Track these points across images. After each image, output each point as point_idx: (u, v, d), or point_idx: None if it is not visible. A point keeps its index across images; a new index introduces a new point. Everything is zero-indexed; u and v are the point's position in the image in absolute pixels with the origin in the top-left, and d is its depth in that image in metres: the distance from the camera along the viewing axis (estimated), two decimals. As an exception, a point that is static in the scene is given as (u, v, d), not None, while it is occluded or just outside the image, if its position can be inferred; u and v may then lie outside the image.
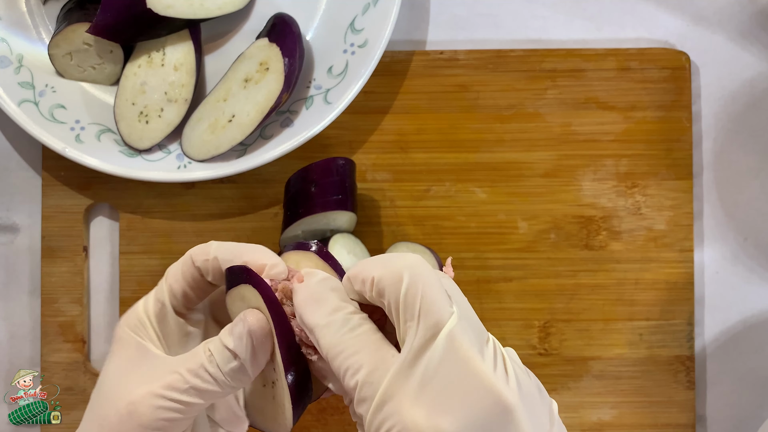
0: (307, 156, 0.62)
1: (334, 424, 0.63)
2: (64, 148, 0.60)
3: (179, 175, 0.60)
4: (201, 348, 0.44)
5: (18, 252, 0.65)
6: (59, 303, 0.63)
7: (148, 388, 0.43)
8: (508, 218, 0.64)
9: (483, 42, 0.65)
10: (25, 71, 0.62)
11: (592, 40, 0.65)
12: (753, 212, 0.65)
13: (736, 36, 0.65)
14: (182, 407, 0.43)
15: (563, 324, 0.63)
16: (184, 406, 0.43)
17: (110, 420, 0.44)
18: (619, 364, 0.63)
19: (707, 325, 0.64)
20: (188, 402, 0.43)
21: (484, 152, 0.64)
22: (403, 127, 0.64)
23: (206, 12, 0.60)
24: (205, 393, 0.43)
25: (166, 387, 0.43)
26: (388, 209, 0.64)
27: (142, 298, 0.47)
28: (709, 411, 0.64)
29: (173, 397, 0.43)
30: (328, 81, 0.62)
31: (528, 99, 0.64)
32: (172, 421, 0.43)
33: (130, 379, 0.44)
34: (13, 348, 0.64)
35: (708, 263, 0.64)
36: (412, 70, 0.64)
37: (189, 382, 0.43)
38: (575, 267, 0.63)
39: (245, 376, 0.44)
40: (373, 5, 0.62)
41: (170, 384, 0.43)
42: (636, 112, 0.64)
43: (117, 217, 0.64)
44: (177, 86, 0.61)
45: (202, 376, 0.43)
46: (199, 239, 0.63)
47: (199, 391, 0.43)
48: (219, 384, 0.43)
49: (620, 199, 0.64)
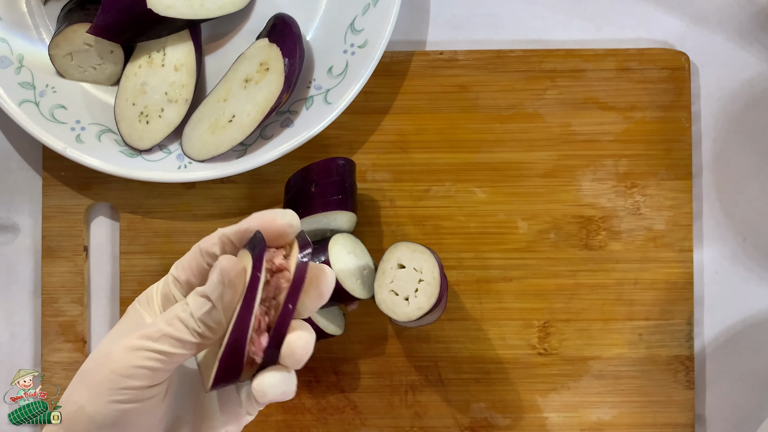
0: (307, 156, 0.62)
1: (334, 423, 0.63)
2: (64, 148, 0.60)
3: (179, 175, 0.61)
4: (179, 303, 0.45)
5: (18, 252, 0.65)
6: (60, 303, 0.63)
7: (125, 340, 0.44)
8: (508, 218, 0.64)
9: (483, 42, 0.65)
10: (26, 71, 0.62)
11: (591, 41, 0.65)
12: (752, 212, 0.65)
13: (736, 36, 0.65)
14: (155, 355, 0.43)
15: (563, 324, 0.63)
16: (157, 354, 0.43)
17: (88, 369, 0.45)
18: (618, 363, 0.63)
19: (706, 325, 0.64)
20: (161, 350, 0.43)
21: (484, 152, 0.64)
22: (403, 127, 0.64)
23: (206, 12, 0.60)
24: (177, 342, 0.44)
25: (140, 337, 0.44)
26: (388, 209, 0.64)
27: (156, 282, 0.49)
28: (709, 411, 0.64)
29: (146, 346, 0.43)
30: (328, 81, 0.62)
31: (528, 99, 0.64)
32: (144, 369, 0.43)
33: (116, 339, 0.45)
34: (14, 348, 0.64)
35: (707, 263, 0.65)
36: (412, 70, 0.64)
37: (162, 330, 0.44)
38: (575, 267, 0.63)
39: (216, 322, 0.44)
40: (373, 5, 0.62)
41: (145, 333, 0.44)
42: (635, 113, 0.64)
43: (117, 217, 0.64)
44: (177, 86, 0.61)
45: (175, 324, 0.44)
46: (199, 239, 0.63)
47: (172, 339, 0.43)
48: (191, 331, 0.43)
49: (620, 199, 0.64)
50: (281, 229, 0.45)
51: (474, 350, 0.63)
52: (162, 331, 0.44)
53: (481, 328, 0.63)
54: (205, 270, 0.47)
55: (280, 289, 0.44)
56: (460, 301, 0.63)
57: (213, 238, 0.47)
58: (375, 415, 0.63)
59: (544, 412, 0.63)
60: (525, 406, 0.63)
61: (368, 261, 0.61)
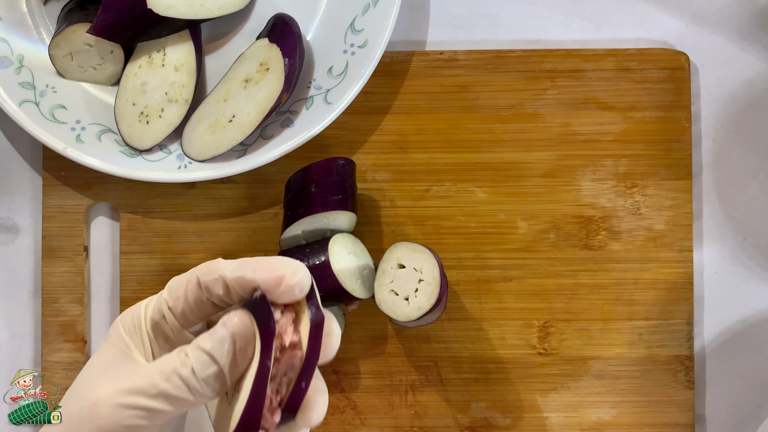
0: (307, 156, 0.62)
1: (334, 423, 0.63)
2: (64, 148, 0.60)
3: (180, 175, 0.61)
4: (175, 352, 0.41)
5: (19, 252, 0.65)
6: (60, 303, 0.63)
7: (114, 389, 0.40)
8: (508, 218, 0.64)
9: (483, 42, 0.65)
10: (26, 71, 0.62)
11: (591, 41, 0.65)
12: (752, 212, 0.65)
13: (736, 36, 0.65)
14: (146, 414, 0.40)
15: (563, 324, 0.63)
16: (149, 413, 0.40)
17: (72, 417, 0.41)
18: (618, 363, 0.63)
19: (706, 325, 0.64)
20: (154, 408, 0.40)
21: (484, 152, 0.64)
22: (403, 127, 0.64)
23: (207, 12, 0.60)
24: (174, 400, 0.40)
25: (132, 390, 0.40)
26: (388, 209, 0.64)
27: (145, 300, 0.45)
28: (709, 410, 0.64)
29: (138, 403, 0.40)
30: (328, 81, 0.62)
31: (528, 99, 0.64)
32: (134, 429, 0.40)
33: (101, 379, 0.41)
34: (14, 348, 0.64)
35: (707, 263, 0.65)
36: (412, 70, 0.64)
37: (158, 386, 0.39)
38: (575, 267, 0.63)
39: (222, 384, 0.40)
40: (373, 6, 0.62)
41: (138, 387, 0.40)
42: (635, 113, 0.64)
43: (117, 217, 0.64)
44: (177, 86, 0.61)
45: (173, 381, 0.39)
46: (199, 239, 0.63)
47: (169, 398, 0.40)
48: (191, 390, 0.40)
49: (619, 199, 0.64)
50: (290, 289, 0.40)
51: (474, 350, 0.63)
52: (158, 388, 0.39)
53: (481, 328, 0.63)
54: (203, 303, 0.43)
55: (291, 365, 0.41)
56: (460, 301, 0.63)
57: (213, 273, 0.42)
58: (375, 415, 0.63)
59: (544, 412, 0.63)
60: (525, 406, 0.63)
61: (368, 261, 0.61)
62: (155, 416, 0.40)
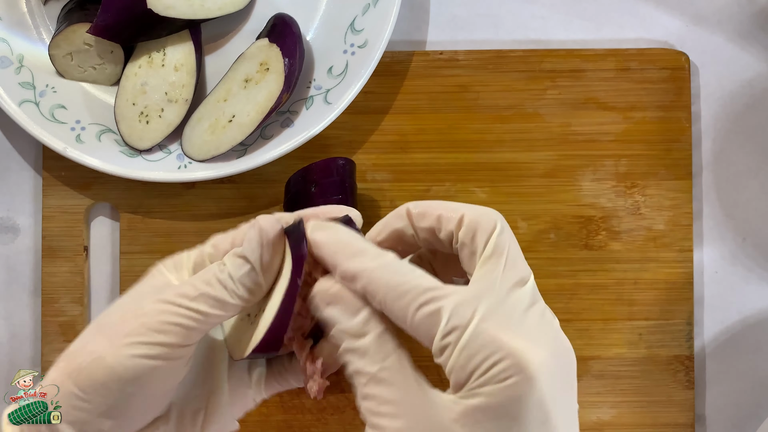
0: (307, 156, 0.62)
1: (334, 423, 0.63)
2: (64, 148, 0.60)
3: (179, 175, 0.61)
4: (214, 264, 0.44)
5: (19, 252, 0.65)
6: (60, 303, 0.63)
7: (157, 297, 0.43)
8: (508, 218, 0.63)
9: (483, 42, 0.65)
10: (26, 71, 0.62)
11: (591, 41, 0.65)
12: (752, 212, 0.65)
13: (736, 36, 0.65)
14: (191, 314, 0.42)
15: (563, 324, 0.62)
16: (194, 312, 0.42)
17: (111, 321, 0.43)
18: (618, 363, 0.63)
19: (706, 325, 0.64)
20: (199, 309, 0.42)
21: (484, 152, 0.64)
22: (403, 127, 0.64)
23: (206, 12, 0.60)
24: (216, 302, 0.42)
25: (176, 294, 0.42)
26: (388, 209, 0.64)
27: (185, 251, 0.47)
28: (709, 410, 0.64)
29: (183, 303, 0.42)
30: (328, 81, 0.62)
31: (528, 99, 0.64)
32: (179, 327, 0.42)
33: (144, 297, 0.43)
34: (14, 348, 0.64)
35: (707, 263, 0.65)
36: (412, 70, 0.64)
37: (200, 289, 0.42)
38: (575, 267, 0.63)
39: (256, 287, 0.43)
40: (373, 5, 0.62)
41: (181, 292, 0.42)
42: (635, 113, 0.64)
43: (117, 217, 0.64)
44: (177, 86, 0.61)
45: (213, 284, 0.42)
46: (199, 239, 0.63)
47: (211, 299, 0.42)
48: (229, 291, 0.42)
49: (620, 199, 0.64)
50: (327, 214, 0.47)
51: (474, 350, 0.63)
52: (200, 290, 0.42)
53: (481, 328, 0.63)
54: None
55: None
56: (460, 301, 0.63)
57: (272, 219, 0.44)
58: (375, 415, 0.63)
59: (544, 412, 0.63)
60: (525, 406, 0.63)
61: (368, 261, 0.61)
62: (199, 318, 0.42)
